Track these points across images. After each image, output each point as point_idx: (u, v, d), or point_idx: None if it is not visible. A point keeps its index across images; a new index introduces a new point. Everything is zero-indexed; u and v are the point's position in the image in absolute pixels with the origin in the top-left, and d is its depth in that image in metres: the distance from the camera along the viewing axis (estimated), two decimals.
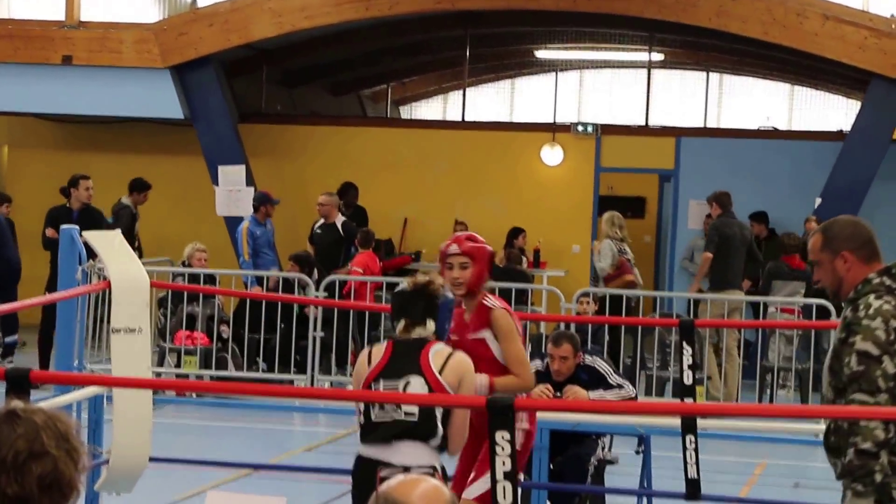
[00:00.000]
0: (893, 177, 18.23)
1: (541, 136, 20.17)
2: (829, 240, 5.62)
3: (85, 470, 3.00)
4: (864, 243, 5.59)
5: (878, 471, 5.36)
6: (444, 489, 3.35)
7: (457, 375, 6.44)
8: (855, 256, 5.57)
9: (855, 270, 5.56)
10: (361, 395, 6.11)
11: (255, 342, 15.74)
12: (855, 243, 5.58)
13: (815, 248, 5.65)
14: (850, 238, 5.59)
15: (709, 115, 21.96)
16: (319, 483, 10.48)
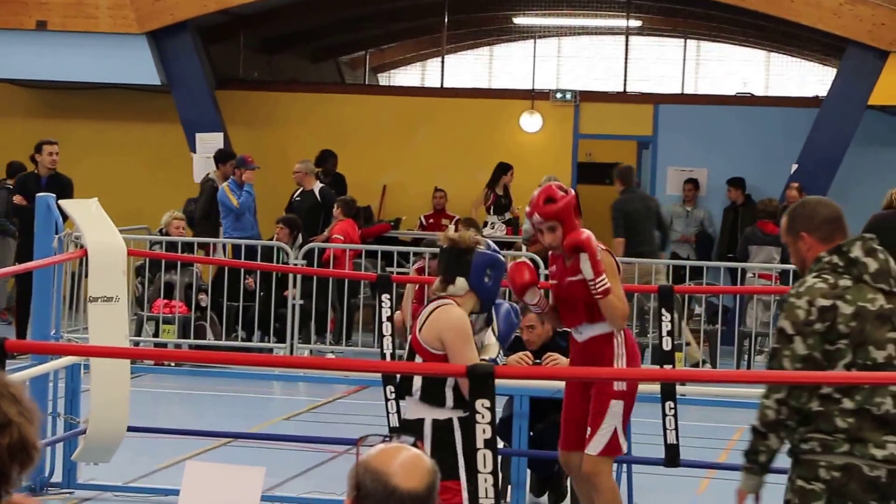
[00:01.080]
0: (869, 143, 18.27)
1: (519, 104, 20.13)
2: (790, 221, 5.56)
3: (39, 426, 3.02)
4: (821, 223, 5.47)
5: (763, 451, 5.33)
6: (425, 458, 3.35)
7: (433, 332, 6.29)
8: (813, 237, 5.47)
9: (814, 251, 5.46)
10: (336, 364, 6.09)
11: (233, 310, 15.71)
12: (812, 224, 5.48)
13: (782, 232, 5.64)
14: (807, 219, 5.50)
15: (686, 82, 21.96)
16: (299, 452, 10.48)
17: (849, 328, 5.26)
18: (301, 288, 15.45)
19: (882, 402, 5.23)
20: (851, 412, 5.23)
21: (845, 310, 5.27)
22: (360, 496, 3.31)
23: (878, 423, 5.23)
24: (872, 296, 5.32)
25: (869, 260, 5.37)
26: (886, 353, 5.29)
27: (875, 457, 5.20)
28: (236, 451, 10.37)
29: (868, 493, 5.20)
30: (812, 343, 5.27)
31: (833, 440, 5.23)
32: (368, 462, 3.33)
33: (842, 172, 17.67)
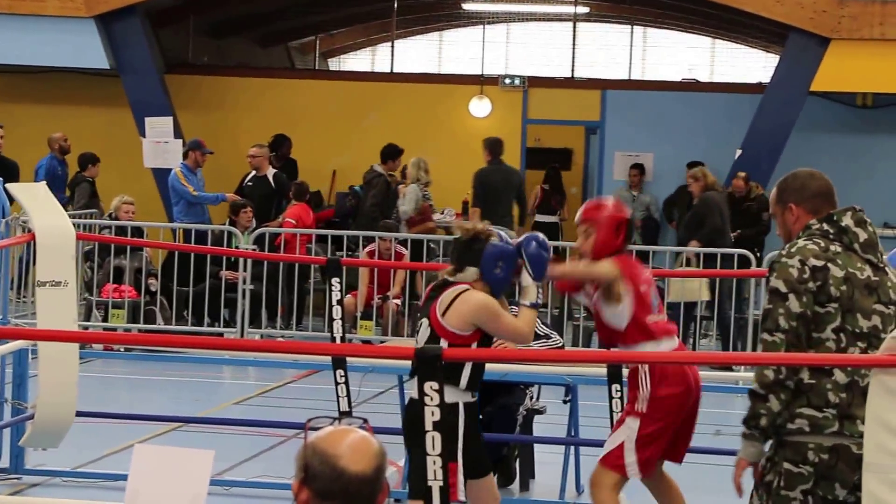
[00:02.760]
0: (812, 128, 18.46)
1: (469, 89, 20.21)
2: (779, 192, 5.52)
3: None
4: (812, 196, 5.44)
5: (764, 414, 5.20)
6: (373, 440, 3.39)
7: (461, 317, 6.48)
8: (802, 209, 5.44)
9: (801, 222, 5.43)
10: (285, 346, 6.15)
11: (183, 295, 15.72)
12: (802, 195, 5.44)
13: (771, 202, 5.60)
14: (798, 190, 5.46)
15: (633, 68, 22.11)
16: (249, 436, 10.51)
17: (839, 291, 5.21)
18: (251, 272, 15.48)
19: (867, 374, 5.12)
20: (844, 386, 5.16)
21: (836, 273, 5.23)
22: (307, 478, 3.34)
23: (864, 398, 5.09)
24: (861, 265, 5.29)
25: (859, 230, 5.35)
26: (872, 324, 5.23)
27: (863, 434, 5.05)
28: (186, 435, 10.41)
29: (856, 472, 5.08)
30: (806, 301, 5.20)
31: (823, 417, 5.13)
32: (316, 444, 3.37)
33: (785, 157, 17.84)
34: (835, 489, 5.14)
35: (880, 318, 5.26)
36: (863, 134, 19.07)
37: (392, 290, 15.63)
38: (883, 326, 5.24)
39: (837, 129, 19.08)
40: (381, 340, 14.88)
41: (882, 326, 5.24)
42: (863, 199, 19.41)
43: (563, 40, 23.04)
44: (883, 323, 5.26)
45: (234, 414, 11.68)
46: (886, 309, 5.29)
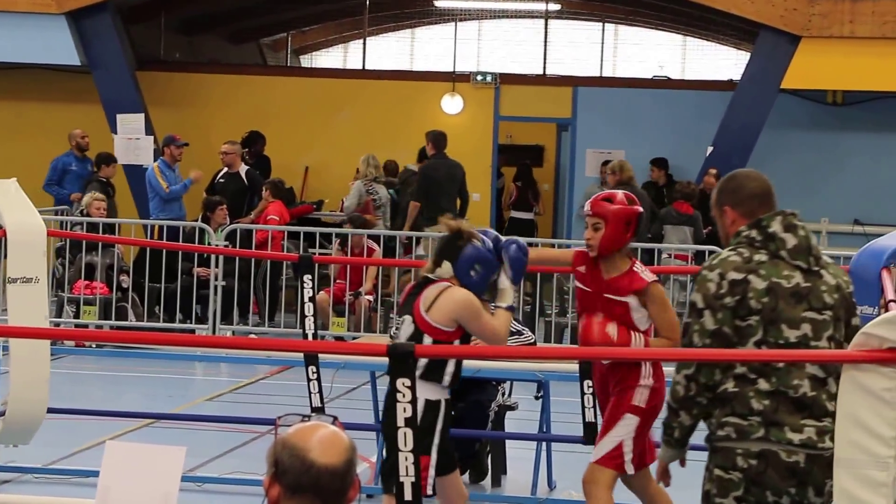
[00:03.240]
0: (782, 125, 18.54)
1: (441, 86, 20.23)
2: (717, 195, 5.42)
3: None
4: (745, 198, 5.32)
5: (675, 427, 5.24)
6: (343, 435, 3.41)
7: (445, 313, 6.61)
8: (736, 212, 5.33)
9: (737, 226, 5.31)
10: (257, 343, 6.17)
11: (155, 292, 15.69)
12: (736, 198, 5.33)
13: (711, 204, 5.50)
14: (733, 192, 5.35)
15: (604, 65, 22.15)
16: (221, 432, 10.52)
17: (760, 304, 5.10)
18: (224, 269, 15.47)
19: (799, 385, 5.08)
20: (767, 394, 5.08)
21: (757, 284, 5.11)
22: (278, 473, 3.36)
23: (795, 406, 5.08)
24: (789, 273, 5.17)
25: (787, 236, 5.22)
26: (801, 333, 5.13)
27: (792, 441, 5.06)
28: (158, 432, 10.40)
29: (786, 480, 5.06)
30: (722, 317, 5.10)
31: (748, 425, 5.08)
32: (287, 439, 3.39)
33: (755, 154, 17.92)
34: (766, 496, 5.09)
35: (811, 326, 5.15)
36: (833, 131, 19.16)
37: (364, 286, 15.64)
38: (815, 334, 5.15)
39: (808, 126, 19.17)
40: (354, 337, 14.88)
41: (814, 334, 5.15)
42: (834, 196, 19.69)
43: (535, 37, 23.09)
44: (815, 330, 5.15)
45: (206, 410, 11.68)
46: (819, 315, 5.17)
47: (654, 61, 25.47)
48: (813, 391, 5.10)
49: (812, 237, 5.29)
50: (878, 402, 4.76)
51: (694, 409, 5.17)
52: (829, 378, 5.12)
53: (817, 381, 5.10)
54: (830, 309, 5.18)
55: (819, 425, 5.09)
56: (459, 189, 16.62)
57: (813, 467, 5.07)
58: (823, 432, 5.08)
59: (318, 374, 8.61)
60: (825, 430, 5.08)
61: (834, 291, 5.21)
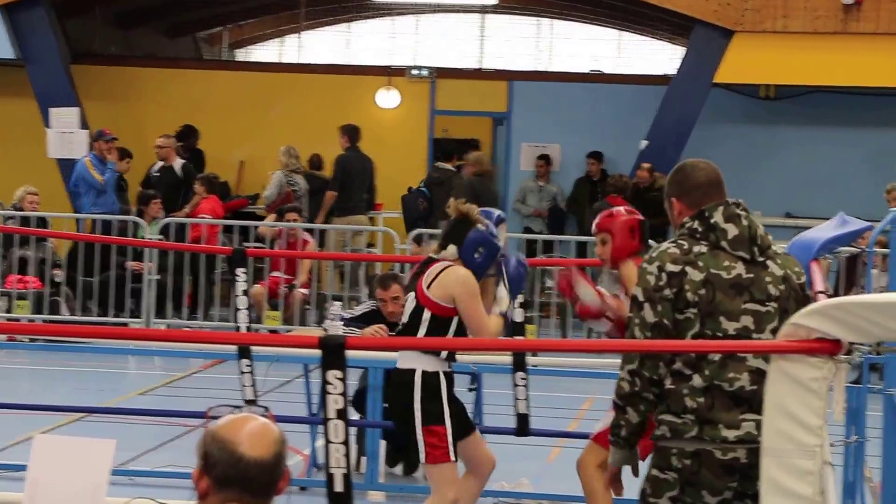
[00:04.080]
0: (716, 119, 18.68)
1: (377, 80, 20.23)
2: (666, 186, 5.34)
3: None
4: (692, 189, 5.21)
5: (623, 425, 5.11)
6: (273, 427, 3.41)
7: (443, 288, 6.89)
8: (682, 203, 5.23)
9: (683, 217, 5.22)
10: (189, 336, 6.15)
11: (88, 285, 15.61)
12: (682, 189, 5.24)
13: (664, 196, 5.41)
14: (678, 184, 5.27)
15: (540, 60, 22.23)
16: (154, 426, 10.48)
17: (697, 296, 5.00)
18: (157, 263, 15.41)
19: (736, 378, 4.98)
20: (702, 390, 4.97)
21: (694, 276, 5.02)
22: (207, 465, 3.35)
23: (732, 401, 4.97)
24: (729, 264, 5.07)
25: (729, 226, 5.11)
26: (740, 325, 5.02)
27: (727, 439, 4.95)
28: (90, 425, 10.35)
29: (724, 478, 4.96)
30: (661, 310, 5.01)
31: (682, 423, 4.99)
32: (216, 431, 3.37)
33: (689, 148, 18.02)
34: (702, 496, 4.99)
35: (753, 318, 5.04)
36: (765, 125, 19.32)
37: (298, 278, 15.62)
38: (757, 326, 5.04)
39: (741, 120, 19.32)
40: (288, 330, 14.86)
41: (755, 326, 5.04)
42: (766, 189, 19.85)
43: (471, 32, 23.12)
44: (756, 322, 5.04)
45: (139, 404, 11.64)
46: (762, 307, 5.06)
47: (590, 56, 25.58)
48: (753, 384, 4.98)
49: (759, 227, 5.17)
50: (806, 392, 4.79)
51: (641, 406, 5.05)
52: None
53: (759, 374, 4.96)
54: (775, 300, 5.08)
55: (760, 418, 4.91)
56: (370, 182, 16.97)
57: (757, 461, 4.89)
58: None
59: (251, 367, 8.60)
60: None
61: (780, 282, 5.11)
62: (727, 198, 5.21)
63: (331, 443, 5.27)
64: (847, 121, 19.13)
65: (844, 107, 19.03)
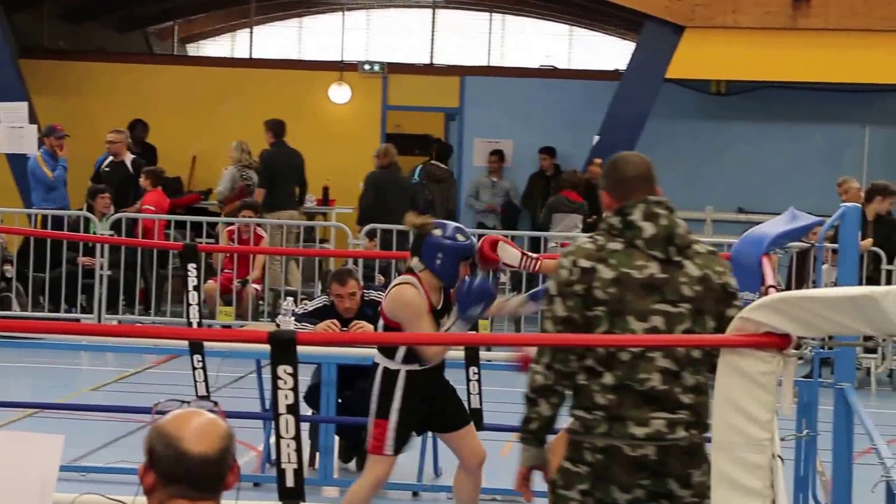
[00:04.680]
0: (667, 115, 18.76)
1: (328, 75, 20.20)
2: (600, 178, 5.28)
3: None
4: (619, 182, 5.13)
5: (534, 419, 5.04)
6: (219, 422, 3.39)
7: (387, 306, 7.23)
8: (611, 197, 5.14)
9: (611, 211, 5.14)
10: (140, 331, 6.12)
11: (39, 281, 15.52)
12: (611, 182, 5.16)
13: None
14: (607, 177, 5.20)
15: (492, 55, 22.26)
16: (107, 422, 10.44)
17: (606, 294, 4.94)
18: (109, 258, 15.33)
19: (647, 378, 4.94)
20: (612, 388, 4.94)
21: (605, 274, 4.96)
22: (152, 461, 3.34)
23: (642, 400, 4.93)
24: (642, 263, 4.99)
25: (646, 224, 5.03)
26: (649, 325, 4.95)
27: (636, 435, 4.92)
28: (42, 421, 10.28)
29: (634, 475, 4.94)
30: (571, 305, 4.95)
31: (593, 419, 4.96)
32: (161, 427, 3.36)
33: (641, 143, 18.09)
34: (612, 491, 4.97)
35: (663, 319, 4.98)
36: (717, 121, 19.42)
37: (252, 274, 15.58)
38: (667, 327, 4.98)
39: (692, 115, 19.41)
40: (241, 325, 14.83)
41: (666, 327, 4.98)
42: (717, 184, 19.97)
43: (423, 27, 23.11)
44: (667, 323, 4.98)
45: (92, 400, 11.58)
46: (674, 308, 4.99)
47: (541, 51, 25.62)
48: (664, 384, 4.96)
49: (679, 227, 5.06)
50: (755, 386, 4.81)
51: (553, 398, 5.01)
52: (684, 371, 5.00)
53: (669, 374, 4.97)
54: (689, 301, 5.01)
55: (672, 417, 4.96)
56: (299, 176, 16.85)
57: (668, 459, 4.96)
58: (676, 424, 4.97)
59: (203, 362, 8.57)
60: (680, 421, 4.98)
61: (696, 283, 5.03)
62: (653, 195, 5.12)
63: (282, 438, 5.26)
64: (798, 116, 19.25)
65: (795, 102, 19.16)
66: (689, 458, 4.97)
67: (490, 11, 22.94)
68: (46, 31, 20.59)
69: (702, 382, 5.02)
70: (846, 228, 7.49)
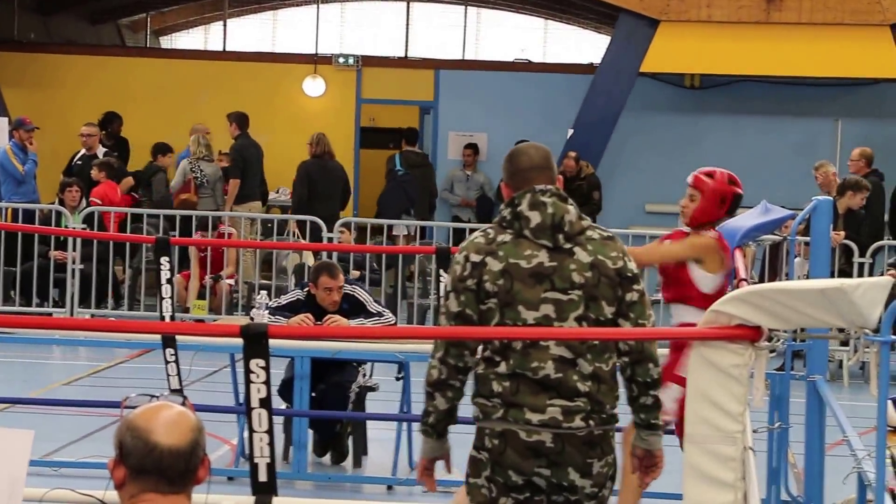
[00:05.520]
0: (641, 108, 18.78)
1: (302, 68, 20.16)
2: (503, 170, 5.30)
3: None
4: (514, 174, 5.14)
5: (431, 412, 5.08)
6: (189, 415, 3.38)
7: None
8: (509, 188, 5.17)
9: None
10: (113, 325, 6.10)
11: (10, 275, 15.45)
12: (507, 174, 5.19)
13: None
14: (505, 168, 5.21)
15: (467, 48, 22.24)
16: (79, 416, 10.40)
17: (496, 286, 4.96)
18: (81, 252, 15.27)
19: (540, 367, 4.94)
20: (507, 376, 4.95)
21: (493, 266, 4.97)
22: (122, 455, 3.33)
23: (538, 388, 4.94)
24: (531, 252, 4.99)
25: (533, 214, 5.02)
26: (541, 314, 4.96)
27: (531, 421, 4.93)
28: (13, 416, 10.25)
29: (530, 460, 4.96)
30: (464, 300, 4.98)
31: (491, 406, 4.97)
32: (131, 420, 3.35)
33: (615, 137, 18.13)
34: (509, 475, 4.99)
35: (554, 307, 4.98)
36: (691, 114, 19.45)
37: (225, 269, 15.55)
38: (558, 314, 4.98)
39: (666, 109, 19.43)
40: (215, 320, 14.79)
41: (557, 315, 4.98)
42: None
43: (397, 20, 23.08)
44: (558, 311, 4.98)
45: (64, 395, 11.53)
46: (565, 295, 4.98)
47: (516, 45, 25.61)
48: (558, 372, 4.95)
49: (569, 213, 5.03)
50: (727, 379, 4.83)
51: (448, 392, 5.02)
52: (580, 359, 4.99)
53: (564, 361, 4.97)
54: (580, 288, 4.99)
55: (568, 405, 4.96)
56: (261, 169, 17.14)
57: (565, 447, 4.97)
58: (573, 412, 4.97)
59: (175, 356, 8.54)
60: (577, 410, 4.97)
61: (586, 270, 5.00)
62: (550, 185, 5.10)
63: (255, 432, 5.25)
64: (771, 110, 19.30)
65: (768, 96, 19.20)
66: (588, 449, 4.99)
67: (465, 4, 22.92)
68: (18, 22, 20.49)
69: (603, 370, 5.02)
70: (818, 221, 7.51)
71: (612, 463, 5.08)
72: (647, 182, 18.94)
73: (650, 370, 5.03)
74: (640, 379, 5.04)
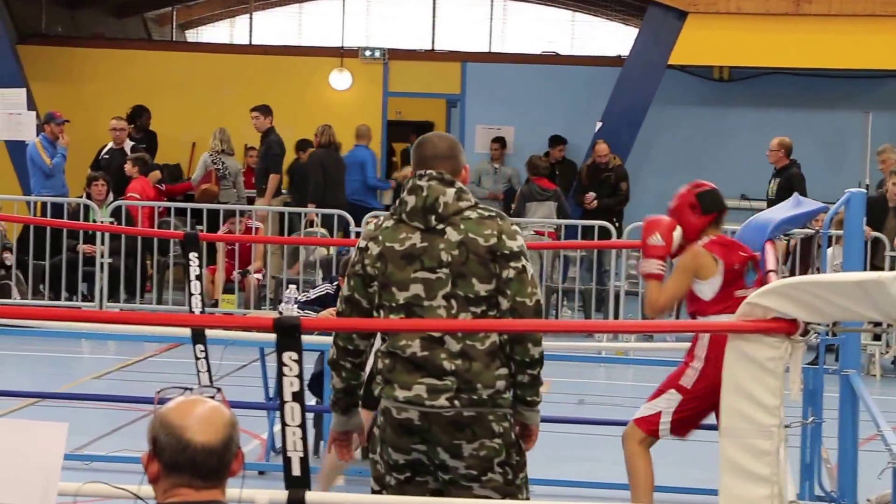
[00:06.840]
0: (670, 101, 18.70)
1: (329, 61, 20.15)
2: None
3: None
4: (417, 162, 5.28)
5: (333, 390, 5.34)
6: (223, 410, 3.36)
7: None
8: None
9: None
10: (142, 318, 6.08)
11: (40, 269, 15.48)
12: (412, 162, 5.34)
13: None
14: (411, 158, 5.36)
15: (493, 41, 22.18)
16: (109, 410, 10.41)
17: (375, 269, 5.16)
18: (109, 246, 15.29)
19: (408, 345, 5.09)
20: (385, 354, 5.15)
21: (373, 251, 5.17)
22: (156, 451, 3.32)
23: (411, 366, 5.09)
24: (405, 235, 5.16)
25: (410, 197, 5.18)
26: (410, 294, 5.11)
27: (398, 398, 5.08)
28: (44, 410, 10.25)
29: (403, 437, 5.10)
30: (353, 284, 5.20)
31: (376, 383, 5.18)
32: (164, 415, 3.33)
33: (644, 130, 18.06)
34: (391, 453, 5.16)
35: (423, 286, 5.11)
36: (719, 107, 19.37)
37: (253, 264, 15.55)
38: (427, 293, 5.11)
39: (695, 102, 19.36)
40: (244, 314, 14.79)
41: (426, 293, 5.11)
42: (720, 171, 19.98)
43: (424, 13, 23.03)
44: (427, 290, 5.11)
45: (93, 389, 11.55)
46: (433, 274, 5.11)
47: (544, 37, 25.53)
48: (424, 350, 5.07)
49: (445, 195, 5.14)
50: (763, 372, 4.80)
51: (342, 372, 5.24)
52: (447, 336, 5.09)
53: (432, 340, 5.07)
54: (447, 266, 5.10)
55: (436, 384, 5.06)
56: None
57: (431, 426, 5.06)
58: (439, 391, 5.07)
59: (205, 351, 8.53)
60: (443, 388, 5.07)
61: (454, 248, 5.10)
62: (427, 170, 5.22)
63: (287, 426, 5.23)
64: (800, 102, 19.20)
65: (798, 88, 19.11)
66: (456, 430, 5.06)
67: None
68: (45, 16, 20.53)
69: (476, 349, 5.08)
70: (851, 214, 7.46)
71: (494, 447, 5.09)
72: (676, 174, 18.78)
73: (529, 349, 5.10)
74: (518, 357, 5.11)
